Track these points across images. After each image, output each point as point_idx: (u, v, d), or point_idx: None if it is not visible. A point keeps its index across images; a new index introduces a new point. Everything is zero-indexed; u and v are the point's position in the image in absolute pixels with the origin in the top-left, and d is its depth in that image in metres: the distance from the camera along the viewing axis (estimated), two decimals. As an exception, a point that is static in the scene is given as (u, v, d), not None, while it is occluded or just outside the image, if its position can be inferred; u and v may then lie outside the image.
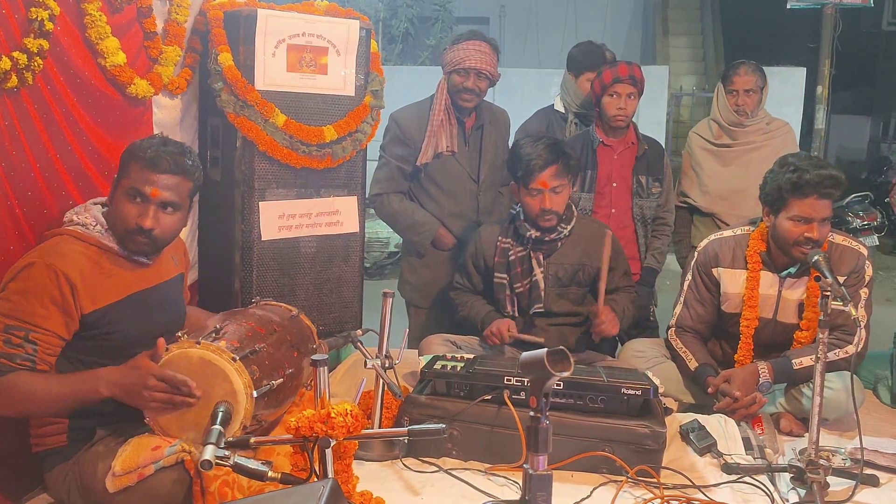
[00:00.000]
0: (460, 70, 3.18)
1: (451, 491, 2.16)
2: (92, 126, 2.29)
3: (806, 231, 2.52)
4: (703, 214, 3.66)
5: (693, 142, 3.75)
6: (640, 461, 2.21)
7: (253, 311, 2.26)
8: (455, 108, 3.27)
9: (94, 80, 2.28)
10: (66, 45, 2.15)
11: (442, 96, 3.26)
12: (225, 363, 1.88)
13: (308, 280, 2.95)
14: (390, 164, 3.32)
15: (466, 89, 3.19)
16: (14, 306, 1.83)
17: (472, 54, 3.17)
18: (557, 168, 2.75)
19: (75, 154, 2.23)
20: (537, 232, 2.84)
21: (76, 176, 2.24)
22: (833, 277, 2.19)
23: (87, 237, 1.98)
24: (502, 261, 2.91)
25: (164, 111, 2.64)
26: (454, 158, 3.31)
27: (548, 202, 2.76)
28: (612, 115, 3.25)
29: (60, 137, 2.17)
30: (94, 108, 2.29)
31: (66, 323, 1.87)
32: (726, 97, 3.58)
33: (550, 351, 1.49)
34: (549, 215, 2.79)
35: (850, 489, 2.15)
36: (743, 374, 2.62)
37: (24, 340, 1.82)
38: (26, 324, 1.83)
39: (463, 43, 3.21)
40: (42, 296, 1.84)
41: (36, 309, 1.83)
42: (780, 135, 3.62)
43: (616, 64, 3.28)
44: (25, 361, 1.82)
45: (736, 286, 2.76)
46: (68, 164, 2.21)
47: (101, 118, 2.33)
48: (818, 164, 2.54)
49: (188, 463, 1.83)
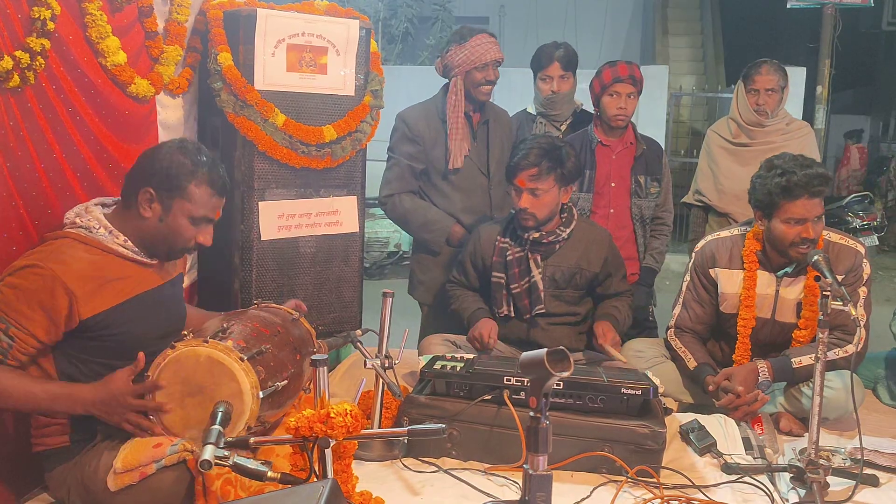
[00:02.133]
0: (480, 66, 3.18)
1: (450, 491, 2.16)
2: (98, 126, 2.29)
3: (801, 231, 2.53)
4: (719, 214, 3.65)
5: (711, 140, 3.73)
6: (640, 461, 2.21)
7: (256, 313, 2.26)
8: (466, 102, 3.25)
9: (100, 79, 2.27)
10: (70, 44, 2.15)
11: (457, 98, 3.22)
12: (233, 363, 1.88)
13: (308, 280, 2.94)
14: (400, 164, 3.30)
15: (489, 81, 3.21)
16: (4, 299, 1.85)
17: (488, 48, 3.17)
18: (538, 171, 2.76)
19: (81, 154, 2.23)
20: (536, 233, 2.85)
21: (82, 176, 2.24)
22: (833, 277, 2.19)
23: (91, 241, 1.97)
24: (500, 260, 2.92)
25: (168, 111, 2.64)
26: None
27: (523, 201, 2.78)
28: (613, 114, 3.25)
29: (66, 137, 2.16)
30: (100, 107, 2.29)
31: (47, 329, 1.87)
32: (746, 96, 3.54)
33: (550, 351, 1.49)
34: (525, 215, 2.81)
35: (850, 489, 2.15)
36: (743, 372, 2.62)
37: (2, 333, 1.84)
38: (10, 319, 1.84)
39: (472, 40, 3.18)
40: (32, 298, 1.85)
41: (23, 308, 1.85)
42: (799, 136, 3.59)
43: (615, 64, 3.27)
44: None
45: (733, 286, 2.76)
46: (74, 164, 2.20)
47: (107, 118, 2.32)
48: (804, 164, 2.53)
49: (190, 462, 1.83)
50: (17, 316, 1.84)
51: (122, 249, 2.01)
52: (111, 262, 1.99)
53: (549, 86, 3.53)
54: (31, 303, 1.85)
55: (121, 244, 2.01)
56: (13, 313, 1.84)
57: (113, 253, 2.00)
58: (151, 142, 2.48)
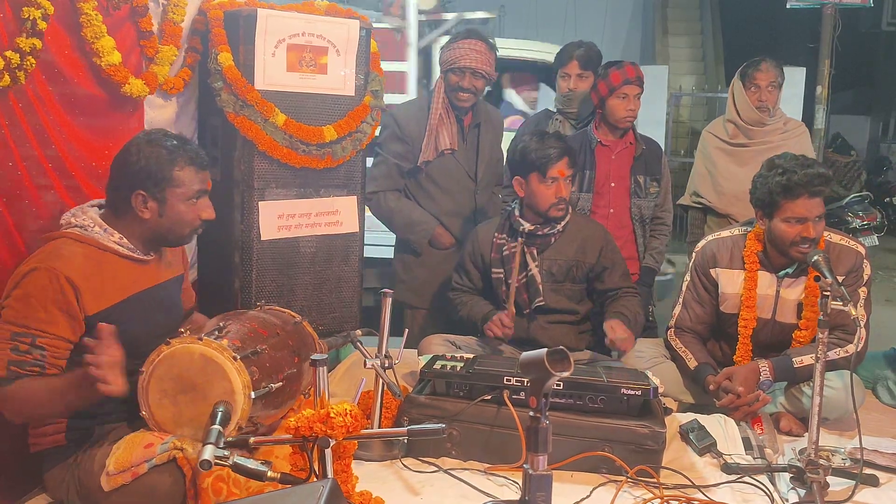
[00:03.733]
0: (456, 69, 3.19)
1: (450, 491, 2.16)
2: (77, 129, 2.27)
3: (802, 231, 2.53)
4: (718, 215, 3.65)
5: (708, 141, 3.72)
6: (640, 461, 2.21)
7: (255, 314, 2.26)
8: (453, 107, 3.28)
9: (80, 80, 2.25)
10: (49, 44, 2.12)
11: (440, 95, 3.26)
12: (226, 361, 1.88)
13: (307, 280, 2.94)
14: (387, 162, 3.31)
15: (462, 88, 3.20)
16: (18, 313, 1.83)
17: (467, 53, 3.18)
18: (569, 160, 2.83)
19: (61, 157, 2.21)
20: (531, 226, 2.87)
21: (65, 180, 2.22)
22: (833, 277, 2.18)
23: (86, 239, 1.97)
24: (498, 256, 2.94)
25: (157, 110, 2.62)
26: (453, 157, 3.31)
27: (563, 190, 2.82)
28: (622, 116, 3.25)
29: (45, 139, 2.15)
30: (81, 109, 2.27)
31: (71, 326, 1.87)
32: (747, 94, 3.54)
33: (550, 351, 1.49)
34: (563, 204, 2.85)
35: (849, 489, 2.15)
36: (744, 371, 2.62)
37: (31, 346, 1.81)
38: (32, 329, 1.82)
39: (459, 42, 3.22)
40: (45, 300, 1.84)
41: (39, 314, 1.83)
42: (796, 135, 3.61)
43: (622, 65, 3.26)
44: (34, 367, 1.81)
45: (734, 286, 2.76)
46: (57, 168, 2.19)
47: (89, 119, 2.30)
48: (805, 164, 2.54)
49: (181, 460, 1.83)
50: (37, 324, 1.83)
51: (117, 247, 2.01)
52: (108, 259, 1.99)
53: (567, 83, 3.57)
54: (46, 306, 1.84)
55: (116, 241, 2.01)
56: (34, 322, 1.82)
57: (109, 251, 2.00)
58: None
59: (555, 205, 2.83)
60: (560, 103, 3.66)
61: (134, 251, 2.04)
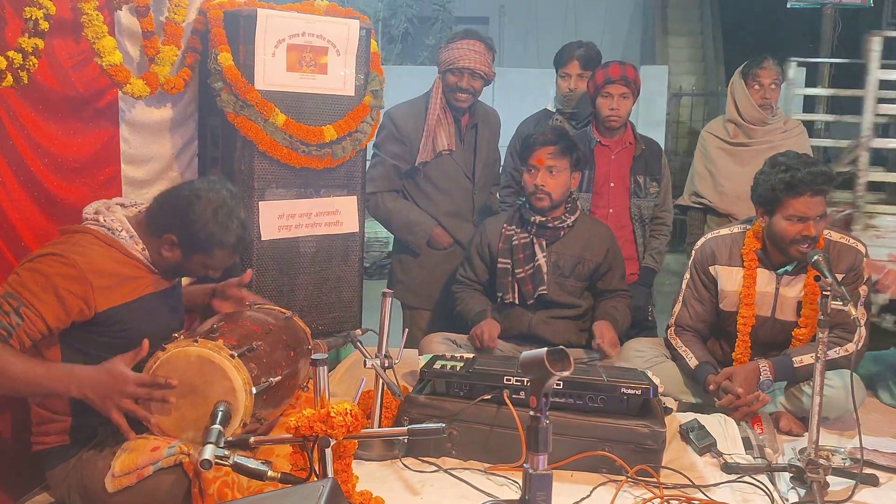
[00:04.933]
0: (454, 70, 3.19)
1: (450, 491, 2.16)
2: (51, 133, 2.23)
3: (802, 230, 2.53)
4: (719, 215, 3.65)
5: (707, 141, 3.72)
6: (640, 461, 2.21)
7: (247, 313, 2.27)
8: (450, 107, 3.27)
9: (47, 80, 2.19)
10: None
11: (437, 95, 3.26)
12: (224, 360, 1.88)
13: (307, 280, 2.94)
14: (385, 163, 3.32)
15: (460, 89, 3.20)
16: (21, 281, 1.87)
17: (466, 54, 3.17)
18: (556, 149, 2.83)
19: (26, 162, 2.16)
20: (542, 217, 2.88)
21: (32, 186, 2.19)
22: (833, 277, 2.18)
23: (113, 242, 2.01)
24: (506, 246, 2.96)
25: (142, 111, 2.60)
26: (451, 157, 3.32)
27: (540, 179, 2.83)
28: (605, 115, 3.27)
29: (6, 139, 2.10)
30: (50, 111, 2.23)
31: (57, 315, 1.88)
32: (749, 93, 3.54)
33: (550, 350, 1.49)
34: (542, 194, 2.85)
35: (849, 489, 2.15)
36: (744, 371, 2.62)
37: (13, 311, 1.83)
38: (23, 298, 1.85)
39: (457, 42, 3.21)
40: (48, 284, 1.86)
41: (38, 290, 1.86)
42: (796, 134, 3.62)
43: (608, 65, 3.27)
44: (2, 330, 1.82)
45: (733, 284, 2.76)
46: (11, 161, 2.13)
47: (58, 122, 2.26)
48: (809, 162, 2.55)
49: (187, 465, 1.83)
50: (30, 297, 1.85)
51: (140, 256, 2.05)
52: (128, 262, 2.03)
53: (567, 83, 3.57)
54: (47, 287, 1.86)
55: (139, 251, 2.05)
56: (27, 294, 1.85)
57: (131, 257, 2.03)
58: (109, 136, 2.46)
59: (533, 192, 2.86)
60: (560, 103, 3.65)
61: (151, 263, 2.08)
